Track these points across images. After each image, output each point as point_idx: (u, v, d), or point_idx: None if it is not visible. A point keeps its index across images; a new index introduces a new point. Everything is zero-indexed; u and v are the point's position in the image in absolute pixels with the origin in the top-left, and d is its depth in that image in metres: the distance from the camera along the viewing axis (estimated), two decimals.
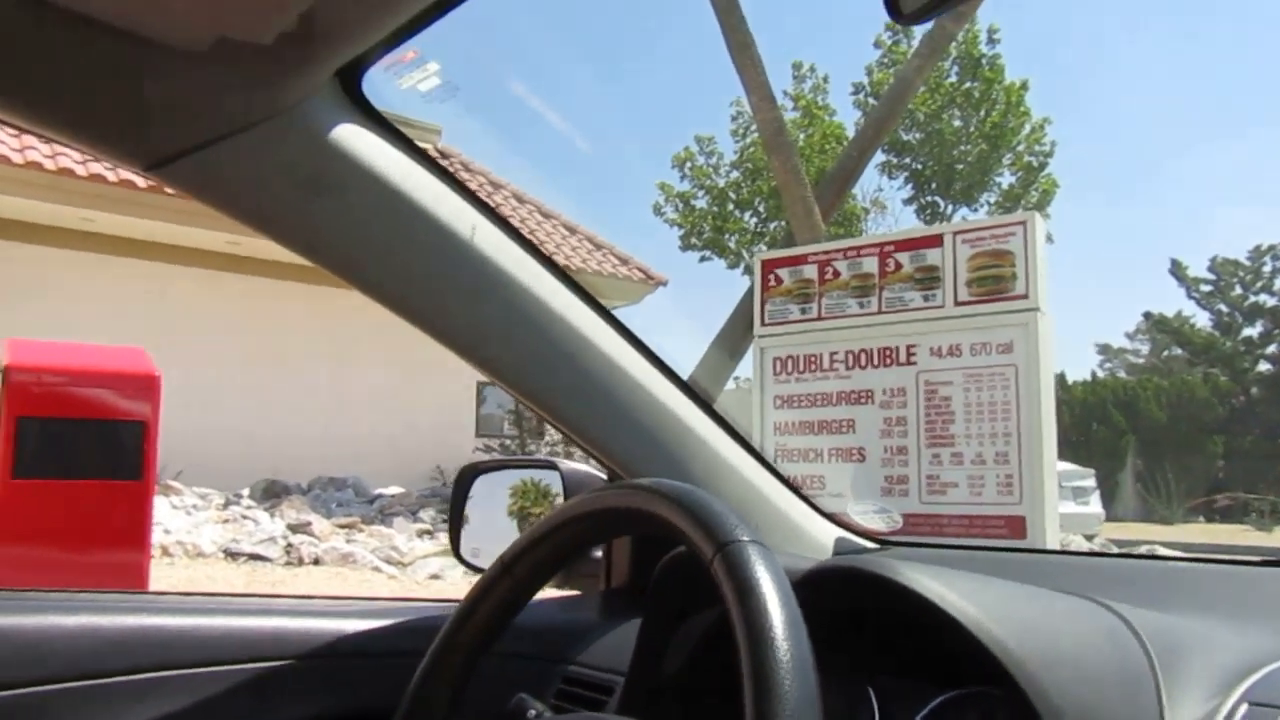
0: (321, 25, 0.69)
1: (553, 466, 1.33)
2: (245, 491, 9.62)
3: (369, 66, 0.81)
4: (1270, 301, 25.51)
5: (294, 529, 7.66)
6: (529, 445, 12.28)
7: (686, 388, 1.14)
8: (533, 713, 0.83)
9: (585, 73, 35.37)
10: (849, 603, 0.82)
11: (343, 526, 8.18)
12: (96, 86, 0.74)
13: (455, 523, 1.38)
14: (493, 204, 1.00)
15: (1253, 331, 25.60)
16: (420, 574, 6.94)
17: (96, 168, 9.49)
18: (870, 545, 1.28)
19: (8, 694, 0.89)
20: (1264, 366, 25.09)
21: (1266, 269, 25.84)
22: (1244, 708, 0.61)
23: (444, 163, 0.90)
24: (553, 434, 12.36)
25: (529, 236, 1.03)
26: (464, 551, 1.34)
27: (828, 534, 1.27)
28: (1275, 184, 41.85)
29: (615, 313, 1.12)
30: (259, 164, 0.81)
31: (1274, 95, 40.01)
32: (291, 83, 0.77)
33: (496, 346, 1.03)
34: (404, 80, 0.81)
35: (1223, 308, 26.03)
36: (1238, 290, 25.95)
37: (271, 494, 9.74)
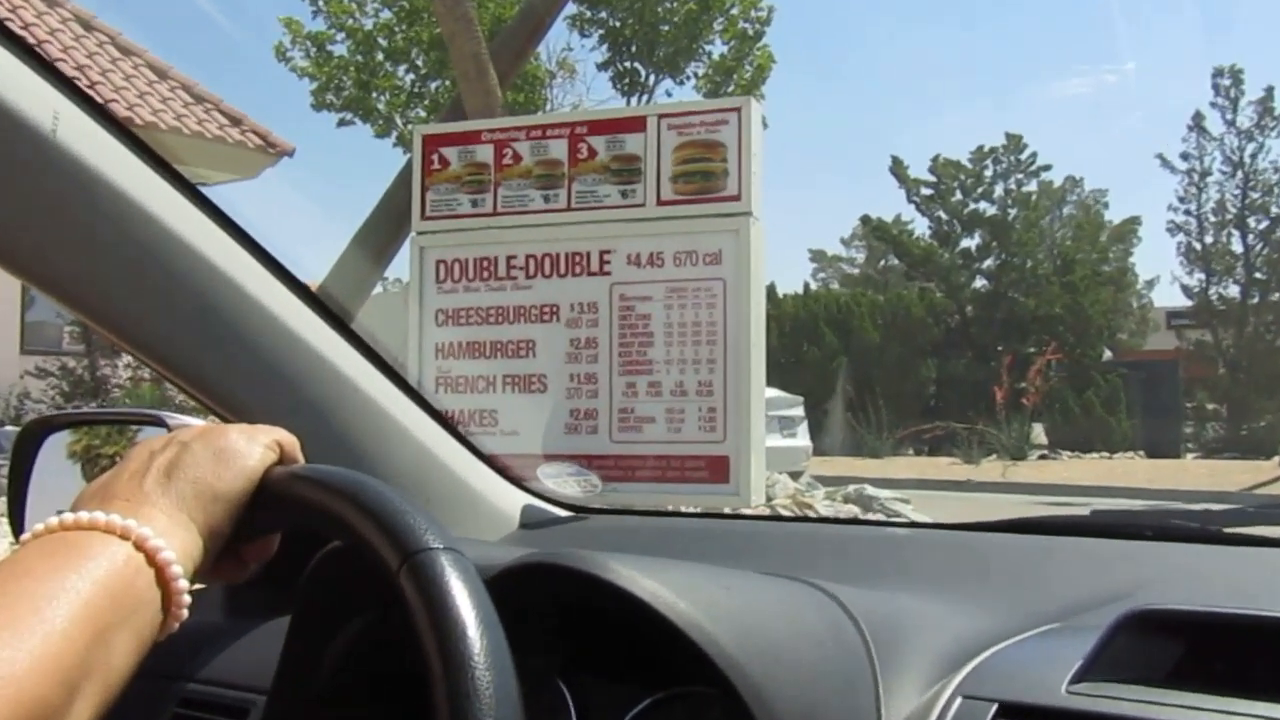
0: None
1: (158, 423, 1.28)
2: None
3: None
4: (990, 210, 28.88)
5: None
6: (101, 367, 11.42)
7: (344, 328, 1.14)
8: None
9: None
10: (545, 594, 0.88)
11: None
12: None
13: (18, 494, 1.31)
14: (79, 80, 0.93)
15: (971, 243, 28.90)
16: None
17: None
18: (561, 513, 1.36)
19: None
20: (980, 282, 28.53)
21: (988, 173, 29.16)
22: (958, 701, 0.74)
23: None
24: None
25: (118, 109, 0.98)
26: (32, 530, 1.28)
27: (514, 502, 1.33)
28: (1000, 79, 47.17)
29: (224, 188, 1.09)
30: None
31: None
32: None
33: (69, 268, 0.98)
34: None
35: (942, 215, 29.12)
36: (958, 196, 29.09)
37: None
